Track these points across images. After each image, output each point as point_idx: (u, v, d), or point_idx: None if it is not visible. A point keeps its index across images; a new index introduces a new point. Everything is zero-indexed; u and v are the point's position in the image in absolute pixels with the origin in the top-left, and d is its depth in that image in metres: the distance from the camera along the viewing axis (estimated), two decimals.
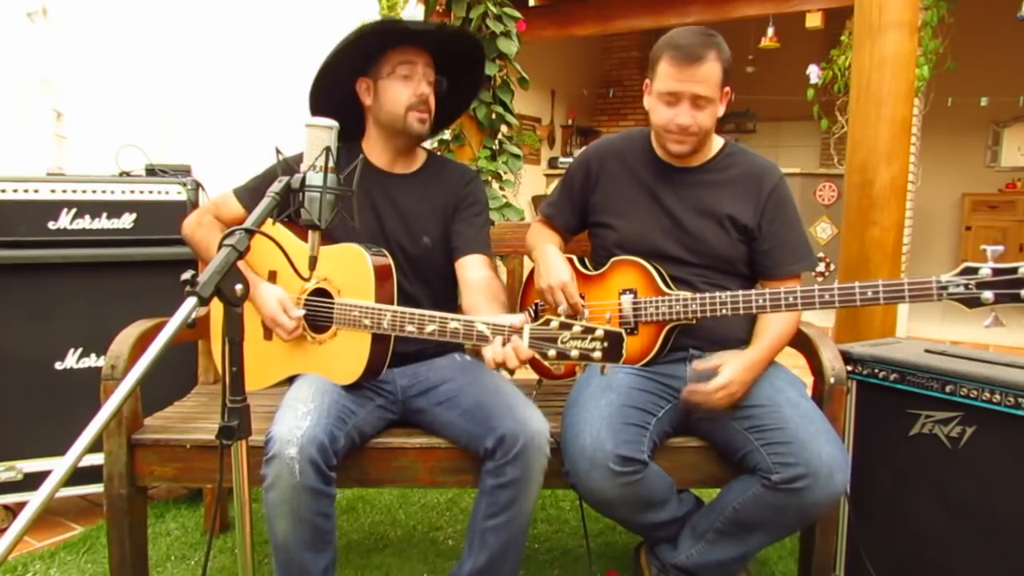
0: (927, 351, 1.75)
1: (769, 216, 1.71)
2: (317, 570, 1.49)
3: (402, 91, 1.67)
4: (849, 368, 1.77)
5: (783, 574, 2.01)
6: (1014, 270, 1.34)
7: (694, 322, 1.63)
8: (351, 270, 1.60)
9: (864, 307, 1.48)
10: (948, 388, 1.61)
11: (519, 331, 1.35)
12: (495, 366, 1.38)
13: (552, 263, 1.73)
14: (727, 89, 1.65)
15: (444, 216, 1.78)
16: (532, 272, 1.88)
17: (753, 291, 1.57)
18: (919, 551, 1.67)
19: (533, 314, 1.89)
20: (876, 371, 1.74)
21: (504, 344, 1.36)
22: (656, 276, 1.68)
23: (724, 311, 1.57)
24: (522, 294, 1.96)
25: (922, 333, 4.96)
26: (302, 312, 1.63)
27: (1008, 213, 7.47)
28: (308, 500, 1.43)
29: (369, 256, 1.59)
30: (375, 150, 1.77)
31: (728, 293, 1.58)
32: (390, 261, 1.64)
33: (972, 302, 1.37)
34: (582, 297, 1.74)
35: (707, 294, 1.60)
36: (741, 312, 1.57)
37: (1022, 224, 7.37)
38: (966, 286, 1.36)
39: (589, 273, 1.80)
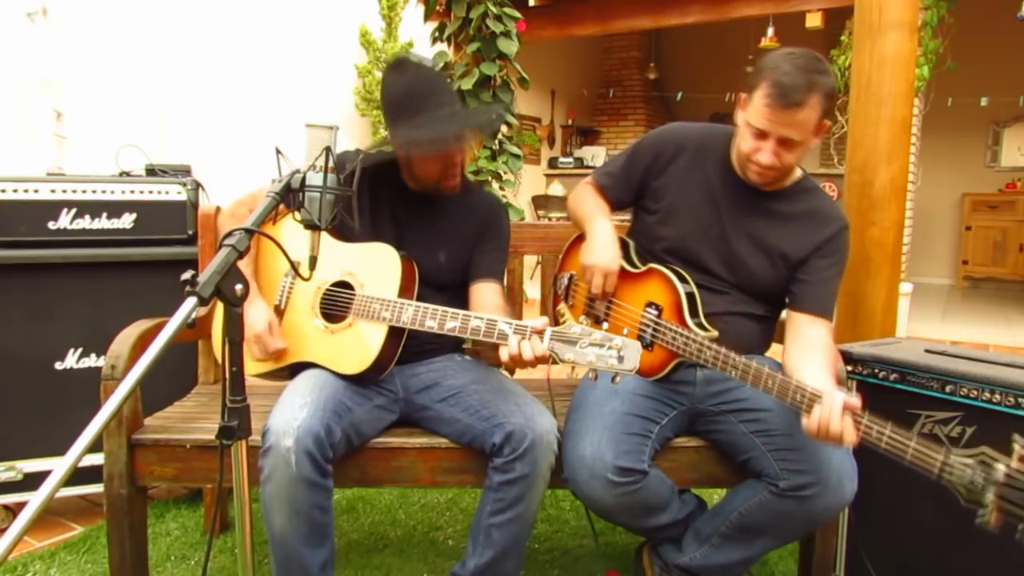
0: (927, 351, 1.76)
1: (823, 252, 1.64)
2: (315, 566, 1.49)
3: (435, 166, 1.68)
4: (849, 368, 1.77)
5: (783, 574, 2.01)
6: None
7: (703, 364, 1.56)
8: (379, 265, 1.63)
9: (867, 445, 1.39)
10: (948, 388, 1.61)
11: (540, 332, 1.37)
12: (510, 361, 1.39)
13: (607, 245, 1.68)
14: (826, 122, 1.54)
15: (465, 241, 1.79)
16: (577, 240, 1.83)
17: (766, 369, 1.46)
18: (919, 551, 1.67)
19: (566, 283, 1.86)
20: (876, 371, 1.74)
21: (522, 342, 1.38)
22: (685, 302, 1.61)
23: (734, 374, 1.50)
24: (562, 258, 1.92)
25: (922, 333, 4.95)
26: (283, 345, 1.66)
27: (1008, 213, 7.48)
28: (305, 492, 1.43)
29: (399, 256, 1.64)
30: (407, 176, 1.78)
31: (743, 359, 1.49)
32: (415, 267, 1.67)
33: (970, 494, 1.25)
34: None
35: (723, 349, 1.51)
36: (749, 383, 1.48)
37: (1022, 224, 7.38)
38: (972, 481, 1.25)
39: (629, 269, 1.73)
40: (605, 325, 1.38)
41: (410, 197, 1.77)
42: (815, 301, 1.64)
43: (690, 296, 1.63)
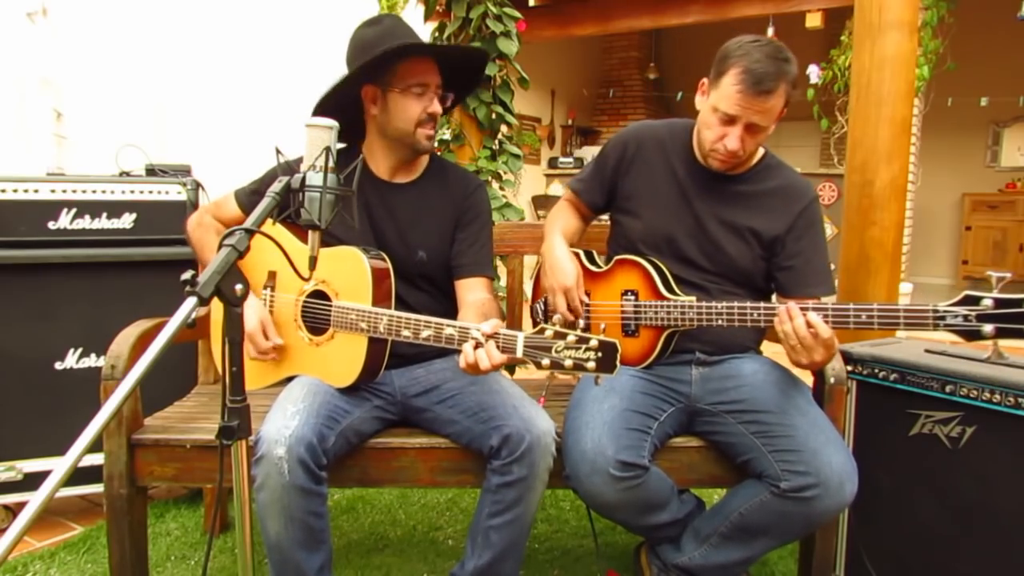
0: (927, 351, 1.76)
1: (796, 234, 1.67)
2: (311, 569, 1.49)
3: (414, 107, 1.64)
4: (849, 368, 1.77)
5: (783, 574, 2.01)
6: (1019, 302, 1.25)
7: (692, 327, 1.61)
8: (349, 273, 1.60)
9: (858, 330, 1.43)
10: (948, 388, 1.61)
11: (514, 338, 1.34)
12: (467, 368, 1.37)
13: (558, 264, 1.71)
14: (783, 110, 1.59)
15: (445, 228, 1.75)
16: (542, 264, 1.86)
17: (749, 303, 1.53)
18: (919, 551, 1.67)
19: (543, 308, 1.88)
20: (876, 371, 1.74)
21: (483, 348, 1.35)
22: (657, 278, 1.67)
23: (720, 322, 1.55)
24: (533, 285, 1.95)
25: (922, 333, 4.95)
26: (279, 341, 1.64)
27: (1008, 213, 7.47)
28: (298, 500, 1.43)
29: (367, 259, 1.58)
30: (376, 158, 1.74)
31: (724, 304, 1.55)
32: (388, 264, 1.63)
33: (971, 335, 1.29)
34: (587, 294, 1.73)
35: (703, 303, 1.57)
36: (736, 324, 1.54)
37: (1022, 224, 7.37)
38: (965, 317, 1.29)
39: (595, 270, 1.78)
40: (583, 325, 1.37)
41: (383, 191, 1.73)
42: (803, 286, 1.66)
43: (660, 271, 1.67)
